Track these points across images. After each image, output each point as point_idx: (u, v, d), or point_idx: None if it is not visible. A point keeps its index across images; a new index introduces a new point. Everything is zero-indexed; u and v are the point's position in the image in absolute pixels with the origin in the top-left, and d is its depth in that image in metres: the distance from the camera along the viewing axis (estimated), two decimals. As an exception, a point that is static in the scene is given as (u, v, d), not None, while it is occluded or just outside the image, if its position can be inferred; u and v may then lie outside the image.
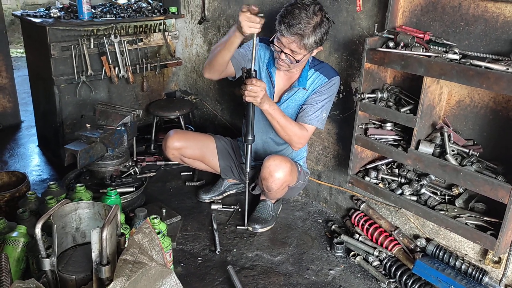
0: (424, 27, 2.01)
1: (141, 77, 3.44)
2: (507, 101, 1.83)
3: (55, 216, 1.50)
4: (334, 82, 2.30)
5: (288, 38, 2.10)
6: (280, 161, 2.26)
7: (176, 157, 2.66)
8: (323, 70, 2.32)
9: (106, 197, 2.27)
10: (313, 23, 2.08)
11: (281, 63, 2.23)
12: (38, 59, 3.13)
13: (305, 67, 2.31)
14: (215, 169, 2.74)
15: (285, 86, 2.40)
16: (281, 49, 2.17)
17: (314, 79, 2.32)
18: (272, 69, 2.37)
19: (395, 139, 2.09)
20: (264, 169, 2.26)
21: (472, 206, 1.91)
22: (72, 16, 3.06)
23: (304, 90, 2.32)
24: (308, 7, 2.07)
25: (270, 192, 2.37)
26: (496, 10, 1.76)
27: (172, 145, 2.60)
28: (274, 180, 2.26)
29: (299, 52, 2.15)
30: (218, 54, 2.19)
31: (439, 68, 1.74)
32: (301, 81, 2.31)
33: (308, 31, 2.08)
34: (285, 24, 2.07)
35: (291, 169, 2.30)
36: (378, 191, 2.12)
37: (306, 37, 2.08)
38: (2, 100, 3.77)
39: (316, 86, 2.31)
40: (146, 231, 1.54)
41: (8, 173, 2.59)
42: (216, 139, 2.71)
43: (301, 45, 2.11)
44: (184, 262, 2.25)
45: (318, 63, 2.36)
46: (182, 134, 2.66)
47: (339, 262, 2.31)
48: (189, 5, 3.52)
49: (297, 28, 2.06)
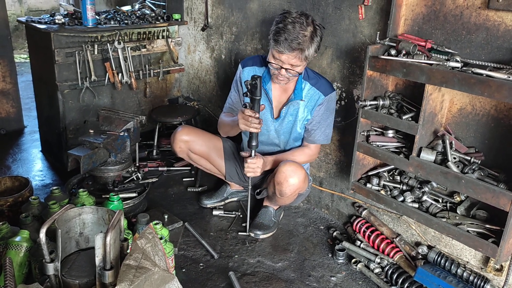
0: (426, 35, 2.02)
1: (144, 83, 3.46)
2: (508, 109, 1.84)
3: (59, 221, 1.51)
4: (332, 99, 2.36)
5: (288, 54, 2.11)
6: (296, 167, 2.28)
7: (183, 151, 2.64)
8: (320, 85, 2.34)
9: (109, 202, 2.28)
10: (308, 34, 2.11)
11: (281, 78, 2.24)
12: (42, 65, 3.16)
13: (298, 79, 2.33)
14: (220, 170, 2.74)
15: (282, 99, 2.42)
16: (280, 66, 2.18)
17: (311, 94, 2.34)
18: (267, 85, 2.39)
19: (397, 146, 2.10)
20: (280, 174, 2.26)
21: (473, 213, 1.91)
22: (77, 22, 3.08)
23: (301, 101, 2.35)
24: (300, 19, 2.10)
25: (281, 198, 2.37)
26: (497, 19, 1.78)
27: (181, 138, 2.60)
28: (289, 185, 2.27)
29: (300, 65, 2.17)
30: (229, 131, 2.49)
31: (440, 76, 1.75)
32: (297, 93, 2.34)
33: (307, 44, 2.10)
34: (283, 42, 2.08)
35: (305, 176, 2.32)
36: (380, 198, 2.13)
37: (306, 49, 2.11)
38: (6, 105, 3.79)
39: (314, 103, 2.34)
40: (149, 236, 1.55)
41: (11, 178, 2.60)
42: (223, 140, 2.72)
43: (302, 58, 2.13)
44: (186, 268, 2.26)
45: (313, 75, 2.37)
46: (191, 129, 2.67)
47: (341, 269, 2.31)
48: (192, 12, 3.55)
49: (296, 43, 2.08)
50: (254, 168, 2.27)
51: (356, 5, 2.29)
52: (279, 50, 2.12)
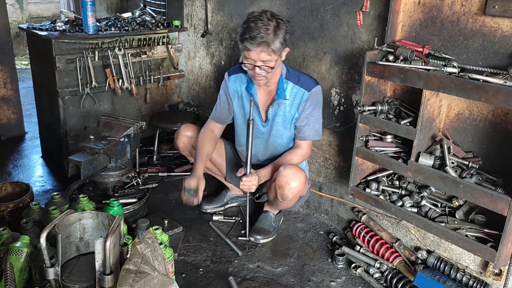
0: (423, 41, 2.04)
1: (144, 89, 3.48)
2: (505, 114, 1.85)
3: (60, 226, 1.52)
4: (316, 93, 2.36)
5: (255, 50, 2.15)
6: (296, 170, 2.30)
7: (186, 146, 2.68)
8: (302, 82, 2.36)
9: (109, 208, 2.29)
10: (271, 28, 2.15)
11: (258, 77, 2.26)
12: (43, 71, 3.18)
13: (280, 79, 2.36)
14: (220, 170, 2.76)
15: (267, 102, 2.45)
16: (253, 64, 2.21)
17: (295, 92, 2.36)
18: (252, 90, 2.41)
19: (395, 151, 2.11)
20: (281, 177, 2.28)
21: (472, 218, 1.92)
22: (77, 29, 3.11)
23: (285, 100, 2.37)
24: (261, 17, 2.16)
25: (283, 201, 2.38)
26: (494, 25, 1.80)
27: (184, 133, 2.66)
28: (291, 188, 2.28)
29: (271, 59, 2.19)
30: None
31: (438, 82, 1.77)
32: (280, 93, 2.36)
33: (270, 37, 2.14)
34: (247, 39, 2.13)
35: (305, 178, 2.35)
36: (379, 203, 2.14)
37: (271, 42, 2.14)
38: (7, 111, 3.80)
39: (299, 100, 2.36)
40: (149, 241, 1.56)
41: (12, 184, 2.61)
42: (225, 142, 2.75)
43: (270, 51, 2.16)
44: (186, 273, 2.26)
45: (295, 74, 2.40)
46: (195, 126, 2.73)
47: (340, 274, 2.31)
48: (192, 18, 3.57)
49: (259, 37, 2.12)
50: (250, 185, 2.31)
51: (354, 12, 2.31)
52: (246, 48, 2.16)
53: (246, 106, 2.48)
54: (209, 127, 2.60)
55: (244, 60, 2.23)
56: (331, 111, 2.59)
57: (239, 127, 2.58)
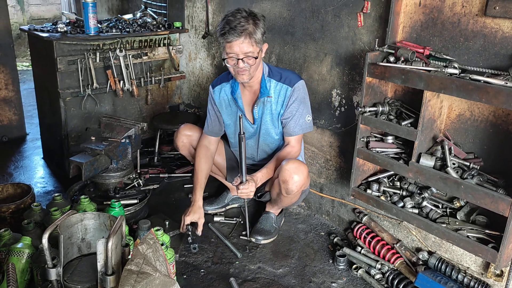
0: (424, 42, 2.05)
1: (145, 91, 3.49)
2: (506, 115, 1.85)
3: (62, 227, 1.52)
4: (299, 88, 2.37)
5: (237, 40, 2.16)
6: (299, 163, 2.32)
7: (186, 145, 2.70)
8: (285, 79, 2.38)
9: (110, 209, 2.29)
10: (250, 19, 2.18)
11: (242, 72, 2.26)
12: (44, 73, 3.18)
13: (262, 78, 2.38)
14: (220, 170, 2.77)
15: (252, 102, 2.47)
16: (236, 58, 2.22)
17: (279, 90, 2.38)
18: (236, 94, 2.44)
19: (396, 152, 2.12)
20: (284, 172, 2.28)
21: (473, 219, 1.92)
22: (79, 30, 3.11)
23: (269, 98, 2.39)
24: (238, 12, 2.20)
25: (287, 196, 2.38)
26: (494, 26, 1.80)
27: (184, 132, 2.68)
28: (295, 182, 2.28)
29: (253, 50, 2.21)
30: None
31: (439, 83, 1.77)
32: (263, 91, 2.38)
33: (251, 26, 2.17)
34: (228, 31, 2.15)
35: (307, 172, 2.36)
36: (380, 204, 2.14)
37: (253, 32, 2.18)
38: (8, 112, 3.81)
39: (284, 97, 2.37)
40: (151, 241, 1.56)
41: (13, 185, 2.61)
42: (224, 142, 2.76)
43: (252, 42, 2.18)
44: (187, 274, 2.26)
45: (277, 72, 2.41)
46: (194, 126, 2.75)
47: (342, 275, 2.31)
48: (193, 20, 3.58)
49: (240, 27, 2.14)
50: (247, 192, 2.31)
51: (355, 13, 2.32)
52: (228, 40, 2.17)
53: (234, 110, 2.50)
54: (204, 144, 2.61)
55: (226, 55, 2.24)
56: (332, 112, 2.60)
57: (229, 128, 2.60)
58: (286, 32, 2.76)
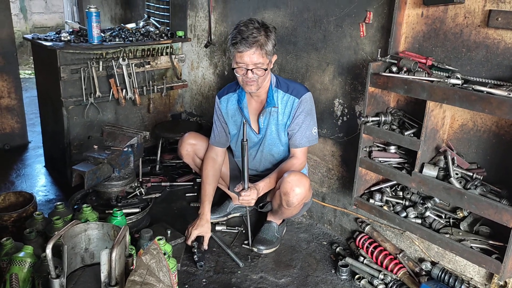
0: (427, 53, 2.06)
1: (147, 99, 3.50)
2: (509, 126, 1.86)
3: (65, 237, 1.52)
4: (306, 100, 2.38)
5: (248, 51, 2.17)
6: (300, 176, 2.31)
7: (189, 154, 2.70)
8: (292, 90, 2.38)
9: (112, 217, 2.29)
10: (262, 31, 2.19)
11: (250, 82, 2.27)
12: (47, 81, 3.19)
13: (269, 88, 2.38)
14: (223, 179, 2.77)
15: (258, 111, 2.47)
16: (246, 68, 2.22)
17: (286, 101, 2.38)
18: (242, 104, 2.44)
19: (399, 162, 2.12)
20: (286, 184, 2.28)
21: (477, 229, 1.91)
22: (82, 39, 3.13)
23: (275, 108, 2.39)
24: (251, 21, 2.21)
25: (288, 208, 2.38)
26: (497, 37, 1.81)
27: (188, 141, 2.69)
28: (296, 194, 2.28)
29: (263, 62, 2.22)
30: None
31: (441, 93, 1.78)
32: (270, 101, 2.38)
33: (263, 38, 2.18)
34: (240, 41, 2.16)
35: (309, 184, 2.36)
36: (383, 214, 2.13)
37: (264, 44, 2.18)
38: (11, 121, 3.82)
39: (290, 108, 2.38)
40: (154, 252, 1.56)
41: (15, 193, 2.60)
42: (228, 152, 2.76)
43: (262, 53, 2.19)
44: (189, 284, 2.25)
45: (284, 83, 2.42)
46: (199, 135, 2.76)
47: (344, 285, 2.30)
48: (196, 29, 3.60)
49: (252, 38, 2.15)
50: (248, 200, 2.32)
51: (357, 23, 2.33)
52: (239, 50, 2.18)
53: (240, 119, 2.51)
54: (211, 155, 2.62)
55: (235, 65, 2.25)
56: (334, 121, 2.60)
57: (234, 138, 2.60)
58: (288, 41, 2.77)
